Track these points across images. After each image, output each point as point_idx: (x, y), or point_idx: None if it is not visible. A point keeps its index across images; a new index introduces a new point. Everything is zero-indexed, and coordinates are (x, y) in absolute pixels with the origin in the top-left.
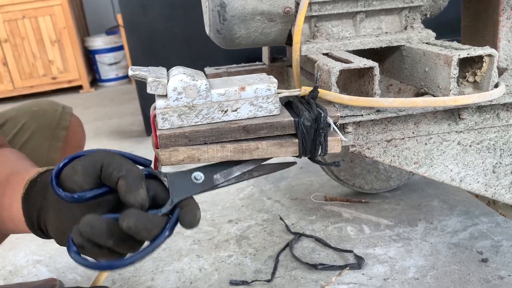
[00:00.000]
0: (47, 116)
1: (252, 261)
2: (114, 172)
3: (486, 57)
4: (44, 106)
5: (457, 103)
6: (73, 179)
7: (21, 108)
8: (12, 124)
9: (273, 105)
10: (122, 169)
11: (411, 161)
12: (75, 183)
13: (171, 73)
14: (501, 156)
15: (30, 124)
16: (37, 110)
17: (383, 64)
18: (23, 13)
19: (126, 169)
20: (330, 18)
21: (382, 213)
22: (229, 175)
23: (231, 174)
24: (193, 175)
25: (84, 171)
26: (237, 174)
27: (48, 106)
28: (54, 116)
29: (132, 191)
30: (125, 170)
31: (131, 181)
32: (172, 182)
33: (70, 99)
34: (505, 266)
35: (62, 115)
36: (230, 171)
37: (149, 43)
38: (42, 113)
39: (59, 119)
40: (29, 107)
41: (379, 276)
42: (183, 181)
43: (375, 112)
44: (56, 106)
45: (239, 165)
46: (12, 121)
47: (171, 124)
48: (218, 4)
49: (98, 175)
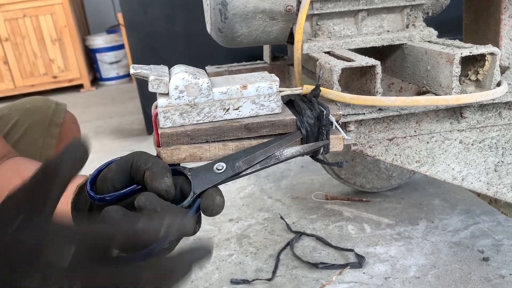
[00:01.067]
0: (40, 113)
1: (253, 260)
2: (141, 165)
3: (488, 55)
4: (37, 103)
5: (459, 102)
6: (107, 177)
7: (14, 106)
8: (5, 121)
9: (275, 104)
10: (148, 162)
11: (413, 160)
12: (108, 181)
13: (173, 72)
14: (503, 154)
15: (23, 121)
16: (30, 107)
17: (385, 63)
18: (23, 12)
19: (152, 162)
20: (332, 17)
21: (383, 212)
22: (253, 161)
23: (254, 160)
24: (214, 166)
25: (117, 168)
26: (261, 159)
27: (41, 103)
28: (47, 113)
29: (157, 179)
30: (151, 162)
31: (156, 170)
32: (195, 175)
33: (70, 98)
34: (506, 265)
35: (56, 111)
36: (253, 157)
37: (150, 42)
38: (35, 110)
39: (52, 115)
40: (22, 105)
41: (380, 275)
42: (205, 173)
43: (377, 110)
44: (49, 103)
45: (262, 149)
46: (5, 119)
47: (173, 122)
48: (219, 3)
49: (129, 171)
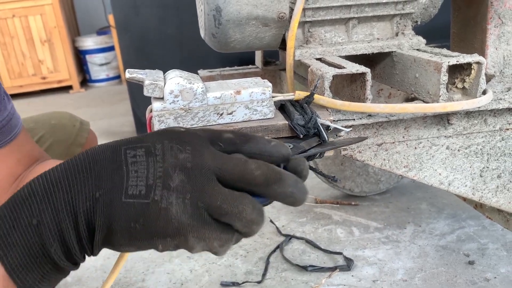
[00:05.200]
0: (65, 131)
1: (243, 262)
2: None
3: (474, 64)
4: (63, 120)
5: (446, 110)
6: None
7: (40, 120)
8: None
9: (268, 109)
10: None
11: (401, 165)
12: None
13: (168, 76)
14: (488, 160)
15: (47, 138)
16: (55, 124)
17: (374, 69)
18: (13, 12)
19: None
20: (323, 24)
21: (371, 216)
22: (312, 144)
23: (313, 143)
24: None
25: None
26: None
27: (67, 120)
28: (71, 132)
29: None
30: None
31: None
32: None
33: (59, 99)
34: (491, 268)
35: (80, 131)
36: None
37: (141, 44)
38: (60, 127)
39: (76, 135)
40: (48, 120)
41: (368, 278)
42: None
43: (367, 116)
44: (74, 121)
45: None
46: (31, 132)
47: (167, 126)
48: (213, 9)
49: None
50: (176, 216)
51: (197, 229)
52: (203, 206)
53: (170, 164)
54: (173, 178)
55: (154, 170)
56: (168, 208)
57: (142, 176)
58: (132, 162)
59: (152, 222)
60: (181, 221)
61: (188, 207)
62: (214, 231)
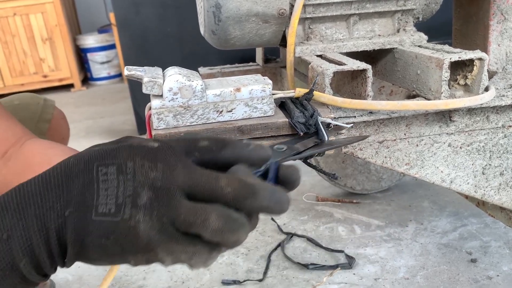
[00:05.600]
0: (29, 109)
1: (244, 260)
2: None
3: (476, 60)
4: (25, 99)
5: (448, 107)
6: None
7: (2, 102)
8: None
9: (268, 106)
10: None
11: (402, 162)
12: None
13: (167, 74)
14: (490, 158)
15: None
16: (18, 104)
17: (376, 66)
18: (14, 10)
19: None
20: (324, 20)
21: (373, 214)
22: (308, 145)
23: (309, 144)
24: (274, 147)
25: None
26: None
27: (30, 99)
28: (36, 110)
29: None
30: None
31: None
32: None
33: (61, 97)
34: (494, 266)
35: (44, 108)
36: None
37: (142, 42)
38: (24, 106)
39: (41, 112)
40: (11, 101)
41: (369, 276)
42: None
43: (368, 113)
44: (37, 99)
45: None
46: None
47: (167, 124)
48: (213, 5)
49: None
50: (144, 233)
51: (165, 243)
52: (169, 221)
53: (140, 183)
54: (141, 196)
55: (123, 189)
56: (136, 226)
57: (112, 194)
58: (103, 180)
59: (122, 239)
60: (149, 237)
61: (155, 223)
62: (181, 244)
